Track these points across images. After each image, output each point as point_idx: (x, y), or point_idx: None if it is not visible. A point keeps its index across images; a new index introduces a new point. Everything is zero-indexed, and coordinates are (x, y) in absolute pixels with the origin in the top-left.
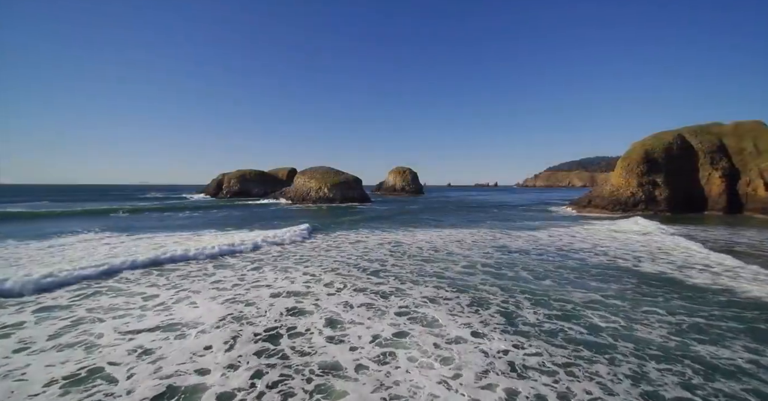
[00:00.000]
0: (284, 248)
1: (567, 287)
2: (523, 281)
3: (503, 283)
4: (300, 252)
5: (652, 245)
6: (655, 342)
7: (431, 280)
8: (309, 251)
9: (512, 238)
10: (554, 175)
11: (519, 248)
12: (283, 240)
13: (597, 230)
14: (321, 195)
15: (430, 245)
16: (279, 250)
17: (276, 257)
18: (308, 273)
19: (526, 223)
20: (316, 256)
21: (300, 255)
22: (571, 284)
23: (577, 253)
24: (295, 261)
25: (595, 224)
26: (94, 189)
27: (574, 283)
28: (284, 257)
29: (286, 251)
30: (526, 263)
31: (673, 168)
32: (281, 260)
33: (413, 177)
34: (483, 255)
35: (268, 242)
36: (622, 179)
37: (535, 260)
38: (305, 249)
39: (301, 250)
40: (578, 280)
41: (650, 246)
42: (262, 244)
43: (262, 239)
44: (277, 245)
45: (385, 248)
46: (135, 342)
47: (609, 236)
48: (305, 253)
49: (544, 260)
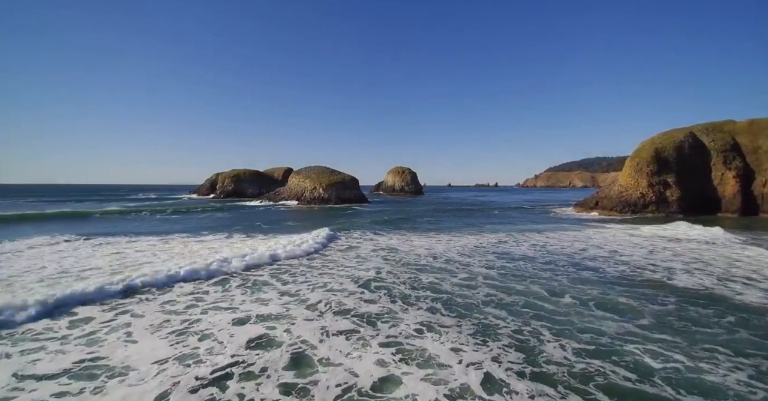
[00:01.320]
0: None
1: (593, 308)
2: (536, 298)
3: (512, 301)
4: (279, 263)
5: (686, 254)
6: (735, 392)
7: (427, 296)
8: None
9: (517, 243)
10: (555, 175)
11: (525, 255)
12: (262, 255)
13: (612, 234)
14: (316, 196)
15: (429, 252)
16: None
17: (250, 269)
18: (286, 292)
19: (530, 226)
20: (297, 266)
21: (278, 266)
22: (597, 304)
23: (593, 262)
24: (270, 273)
25: (608, 228)
26: (90, 189)
27: (601, 303)
28: (260, 268)
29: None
30: (535, 275)
31: (684, 168)
32: (254, 272)
33: (413, 177)
34: (486, 264)
35: (243, 255)
36: (631, 179)
37: (545, 270)
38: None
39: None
40: (604, 298)
41: (684, 254)
42: (235, 258)
43: (244, 247)
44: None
45: (379, 257)
46: (28, 397)
47: (627, 242)
48: (285, 264)
49: (557, 271)
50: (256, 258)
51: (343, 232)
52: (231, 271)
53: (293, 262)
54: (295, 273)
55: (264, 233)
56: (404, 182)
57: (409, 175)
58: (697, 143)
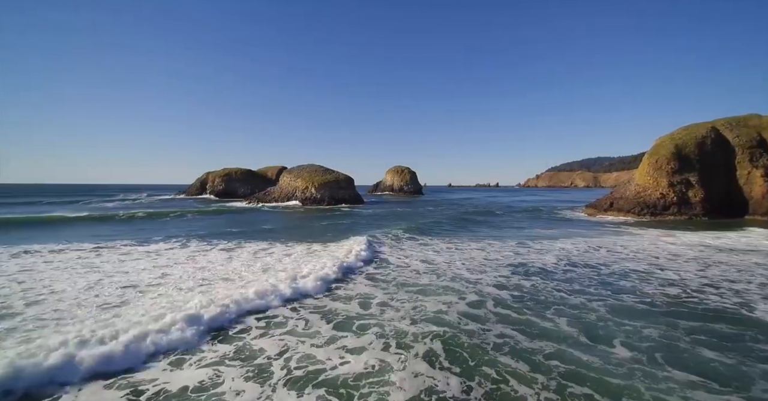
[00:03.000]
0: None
1: (665, 367)
2: (570, 343)
3: (536, 348)
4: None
5: (753, 270)
6: None
7: (426, 334)
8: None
9: (531, 253)
10: (556, 175)
11: (542, 269)
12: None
13: (641, 241)
14: (308, 196)
15: (429, 267)
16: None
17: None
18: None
19: (541, 231)
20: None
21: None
22: (668, 358)
23: (629, 280)
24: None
25: (634, 233)
26: (79, 189)
27: (675, 357)
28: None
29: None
30: (561, 300)
31: (707, 166)
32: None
33: (412, 177)
34: (497, 282)
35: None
36: (649, 179)
37: (572, 293)
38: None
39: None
40: (674, 346)
41: (750, 270)
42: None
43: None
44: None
45: (364, 275)
46: None
47: (665, 252)
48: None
49: (587, 293)
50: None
51: (331, 237)
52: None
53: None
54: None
55: (206, 247)
56: (403, 181)
57: (409, 174)
58: (720, 138)
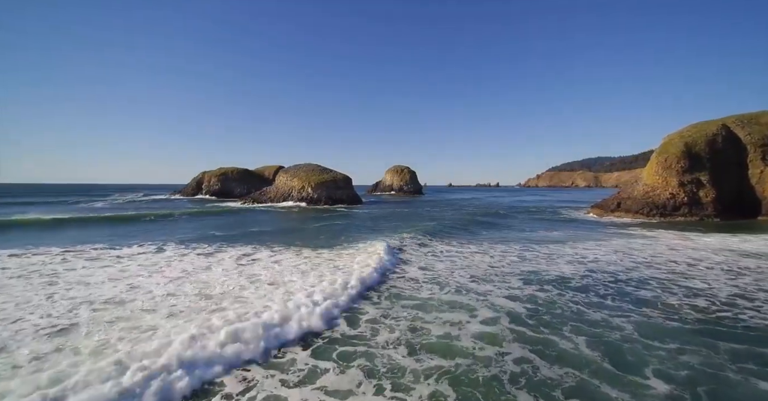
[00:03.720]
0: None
1: (704, 399)
2: (595, 372)
3: (557, 378)
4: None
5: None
6: None
7: (431, 370)
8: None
9: (540, 258)
10: (557, 175)
11: (557, 277)
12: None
13: (658, 244)
14: (304, 196)
15: (429, 276)
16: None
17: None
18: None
19: (549, 233)
20: (212, 305)
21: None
22: (708, 385)
23: (652, 289)
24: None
25: (646, 235)
26: (82, 188)
27: (716, 386)
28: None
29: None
30: (579, 314)
31: (717, 165)
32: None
33: (412, 176)
34: (509, 294)
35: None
36: (658, 178)
37: (591, 307)
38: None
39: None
40: (722, 377)
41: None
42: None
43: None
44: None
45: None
46: None
47: (685, 256)
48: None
49: (608, 307)
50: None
51: (321, 242)
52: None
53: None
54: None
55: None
56: (403, 181)
57: (408, 174)
58: (731, 136)
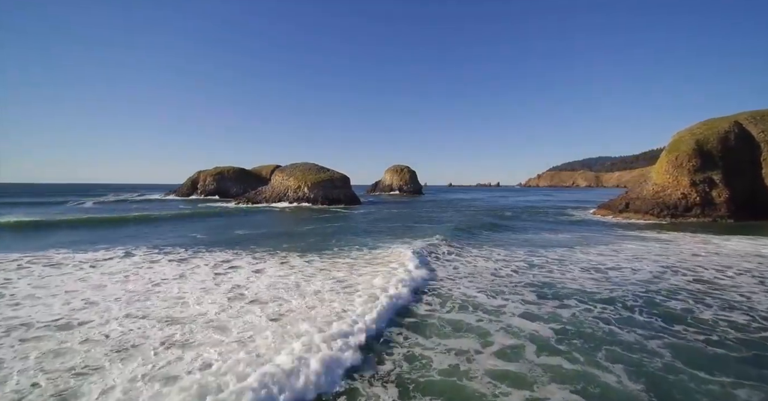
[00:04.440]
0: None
1: None
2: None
3: None
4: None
5: None
6: None
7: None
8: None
9: (552, 265)
10: (558, 175)
11: (577, 289)
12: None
13: (677, 248)
14: (300, 195)
15: (430, 287)
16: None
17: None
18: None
19: (557, 236)
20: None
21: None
22: None
23: (682, 302)
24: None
25: (660, 237)
26: (81, 188)
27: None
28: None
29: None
30: (610, 334)
31: (730, 163)
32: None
33: (412, 176)
34: (524, 310)
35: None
36: (668, 177)
37: (620, 322)
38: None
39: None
40: None
41: None
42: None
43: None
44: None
45: (343, 297)
46: None
47: (711, 262)
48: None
49: (637, 322)
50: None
51: (308, 246)
52: None
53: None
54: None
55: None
56: (403, 181)
57: (408, 174)
58: (743, 133)
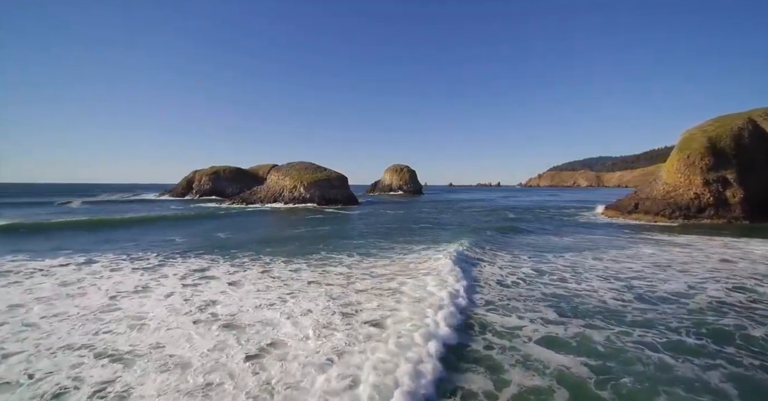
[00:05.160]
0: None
1: None
2: None
3: None
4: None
5: None
6: None
7: None
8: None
9: (566, 274)
10: (558, 175)
11: (604, 305)
12: None
13: (701, 253)
14: (296, 196)
15: (431, 302)
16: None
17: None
18: None
19: (567, 240)
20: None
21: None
22: None
23: (724, 314)
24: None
25: (673, 241)
26: (81, 188)
27: None
28: None
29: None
30: (660, 365)
31: (744, 162)
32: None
33: (411, 176)
34: (546, 337)
35: None
36: (680, 176)
37: (668, 349)
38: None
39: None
40: None
41: None
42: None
43: None
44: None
45: (331, 313)
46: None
47: (745, 270)
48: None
49: (687, 347)
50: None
51: (289, 252)
52: None
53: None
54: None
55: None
56: (402, 180)
57: (408, 173)
58: (758, 131)
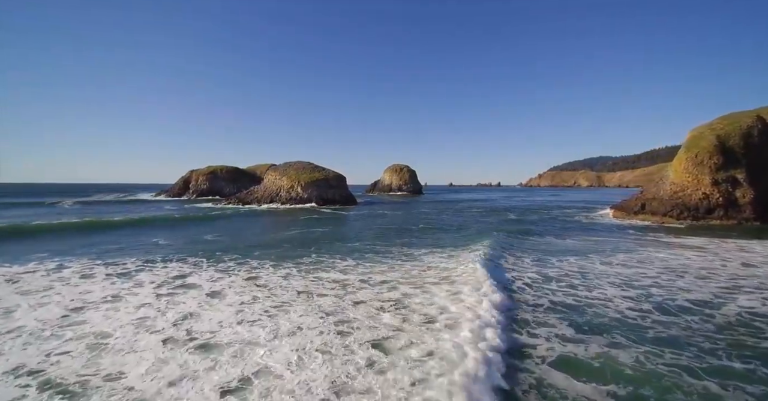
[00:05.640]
0: None
1: None
2: None
3: None
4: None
5: None
6: None
7: None
8: None
9: (575, 280)
10: (559, 175)
11: (620, 316)
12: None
13: (713, 259)
14: (293, 196)
15: (432, 317)
16: None
17: None
18: None
19: (566, 241)
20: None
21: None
22: None
23: (764, 332)
24: None
25: (685, 244)
26: (79, 188)
27: None
28: None
29: None
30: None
31: (754, 161)
32: None
33: (411, 176)
34: (563, 352)
35: None
36: (688, 176)
37: (718, 376)
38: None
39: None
40: None
41: None
42: None
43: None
44: None
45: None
46: None
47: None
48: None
49: (744, 374)
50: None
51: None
52: None
53: None
54: None
55: None
56: (402, 180)
57: (408, 173)
58: (767, 129)
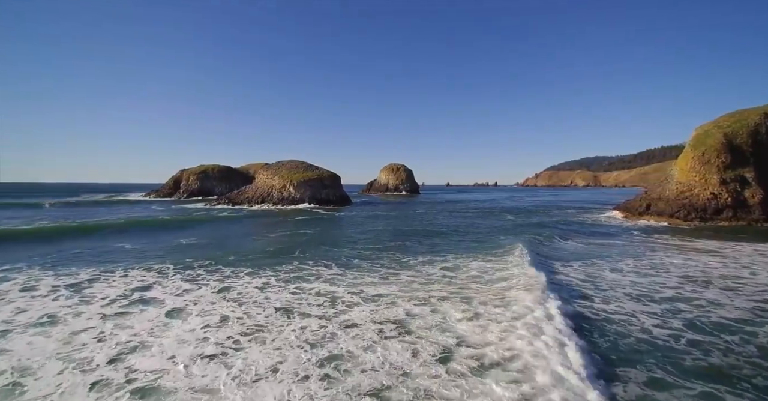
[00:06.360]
0: None
1: None
2: None
3: None
4: None
5: None
6: None
7: None
8: None
9: (587, 289)
10: (556, 175)
11: (652, 338)
12: None
13: (733, 266)
14: (285, 196)
15: (423, 352)
16: None
17: None
18: None
19: (568, 243)
20: None
21: None
22: None
23: None
24: None
25: (697, 247)
26: (75, 187)
27: None
28: None
29: None
30: None
31: (763, 160)
32: None
33: (408, 175)
34: (576, 388)
35: None
36: (695, 175)
37: None
38: None
39: None
40: None
41: None
42: None
43: None
44: None
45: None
46: None
47: None
48: None
49: None
50: None
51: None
52: None
53: None
54: None
55: None
56: (399, 180)
57: (404, 173)
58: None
